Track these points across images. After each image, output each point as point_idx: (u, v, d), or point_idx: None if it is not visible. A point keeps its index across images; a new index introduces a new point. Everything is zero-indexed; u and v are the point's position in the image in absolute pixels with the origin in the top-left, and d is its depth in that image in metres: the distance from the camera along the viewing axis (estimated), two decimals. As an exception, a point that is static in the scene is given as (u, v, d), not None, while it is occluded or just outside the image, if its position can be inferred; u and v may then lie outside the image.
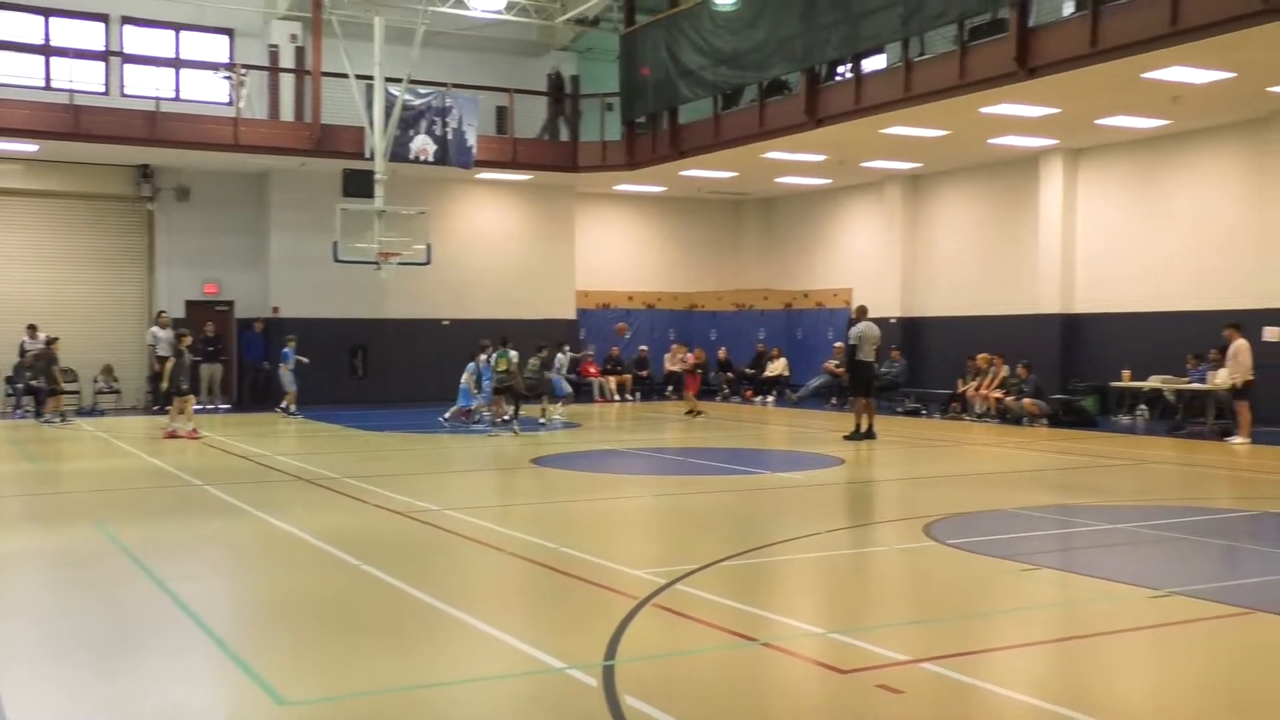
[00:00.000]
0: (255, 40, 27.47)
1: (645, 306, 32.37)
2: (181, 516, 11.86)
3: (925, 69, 19.84)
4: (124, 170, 26.65)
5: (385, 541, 10.31)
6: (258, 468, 15.69)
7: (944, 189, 27.71)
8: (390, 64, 23.79)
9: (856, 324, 19.44)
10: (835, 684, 6.15)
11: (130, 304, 27.20)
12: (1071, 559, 9.82)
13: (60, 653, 6.87)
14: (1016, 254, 25.60)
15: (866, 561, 9.80)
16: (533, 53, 30.03)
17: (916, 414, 24.96)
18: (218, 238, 27.49)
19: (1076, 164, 24.38)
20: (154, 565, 9.08)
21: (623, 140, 27.53)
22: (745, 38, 23.05)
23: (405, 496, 12.67)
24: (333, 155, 25.56)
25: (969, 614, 7.79)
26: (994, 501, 12.43)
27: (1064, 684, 6.27)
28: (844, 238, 30.61)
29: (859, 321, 19.37)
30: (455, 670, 6.49)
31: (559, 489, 14.29)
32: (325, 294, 27.01)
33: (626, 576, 8.60)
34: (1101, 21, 16.80)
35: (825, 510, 12.28)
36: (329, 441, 19.80)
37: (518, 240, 29.84)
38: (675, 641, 7.04)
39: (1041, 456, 17.06)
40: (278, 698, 5.87)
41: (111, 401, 26.04)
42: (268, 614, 7.89)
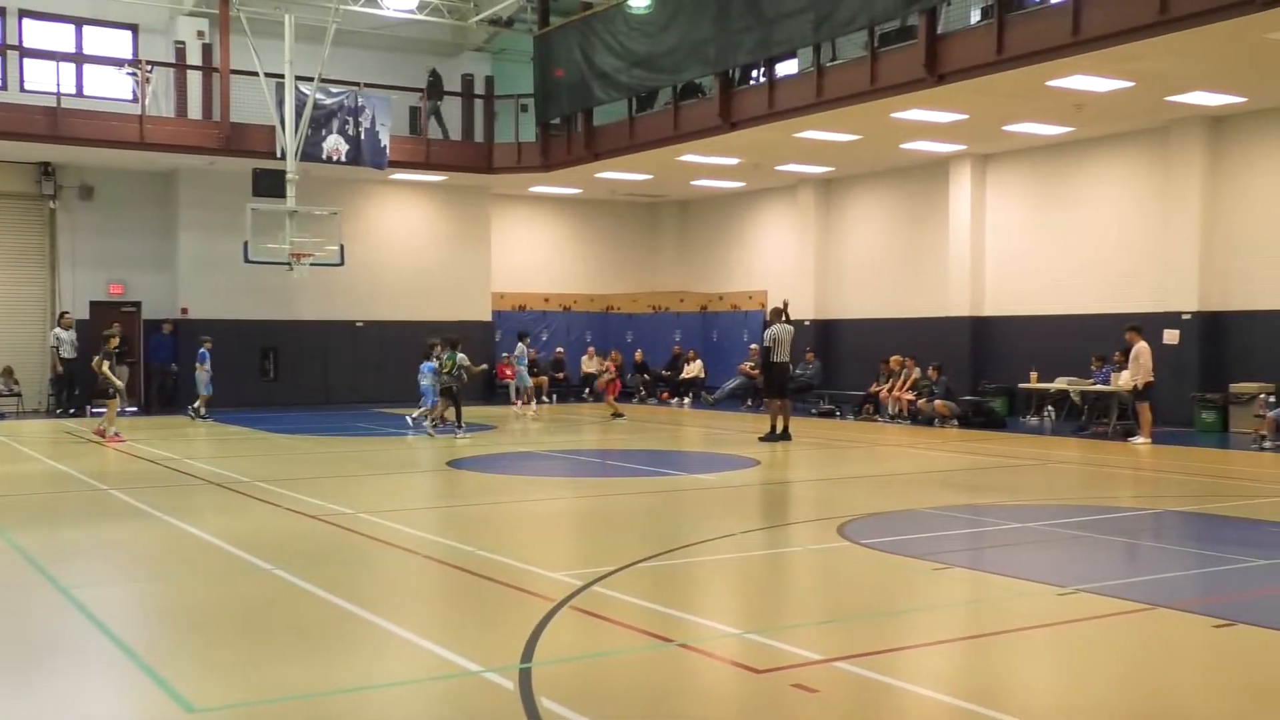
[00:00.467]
0: (160, 36, 26.89)
1: (562, 309, 32.33)
2: (87, 522, 11.58)
3: (837, 74, 20.09)
4: (24, 168, 25.94)
5: (298, 546, 10.16)
6: (166, 471, 15.37)
7: (857, 192, 28.08)
8: (301, 62, 23.48)
9: (771, 325, 19.54)
10: (751, 684, 6.19)
11: (31, 305, 26.48)
12: (981, 558, 10.01)
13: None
14: (928, 257, 26.04)
15: (781, 562, 9.89)
16: (446, 53, 29.81)
17: (830, 415, 25.25)
18: (123, 237, 26.88)
19: (985, 169, 24.87)
20: (58, 572, 8.85)
21: (538, 142, 27.47)
22: (659, 41, 23.15)
23: (318, 500, 12.50)
24: (242, 154, 25.10)
25: (882, 613, 7.91)
26: (906, 502, 12.62)
27: (975, 680, 6.40)
28: (759, 240, 30.86)
29: (774, 323, 19.46)
30: (370, 675, 6.42)
31: (475, 491, 14.21)
32: (235, 295, 26.56)
33: (543, 579, 8.57)
34: (1007, 30, 17.17)
35: (741, 511, 12.37)
36: (240, 444, 19.45)
37: (433, 241, 29.61)
38: (593, 643, 7.04)
39: (952, 457, 17.36)
40: (187, 705, 5.75)
41: (12, 404, 25.32)
42: (177, 620, 7.73)
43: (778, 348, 19.12)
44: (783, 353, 19.20)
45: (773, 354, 19.19)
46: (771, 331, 19.35)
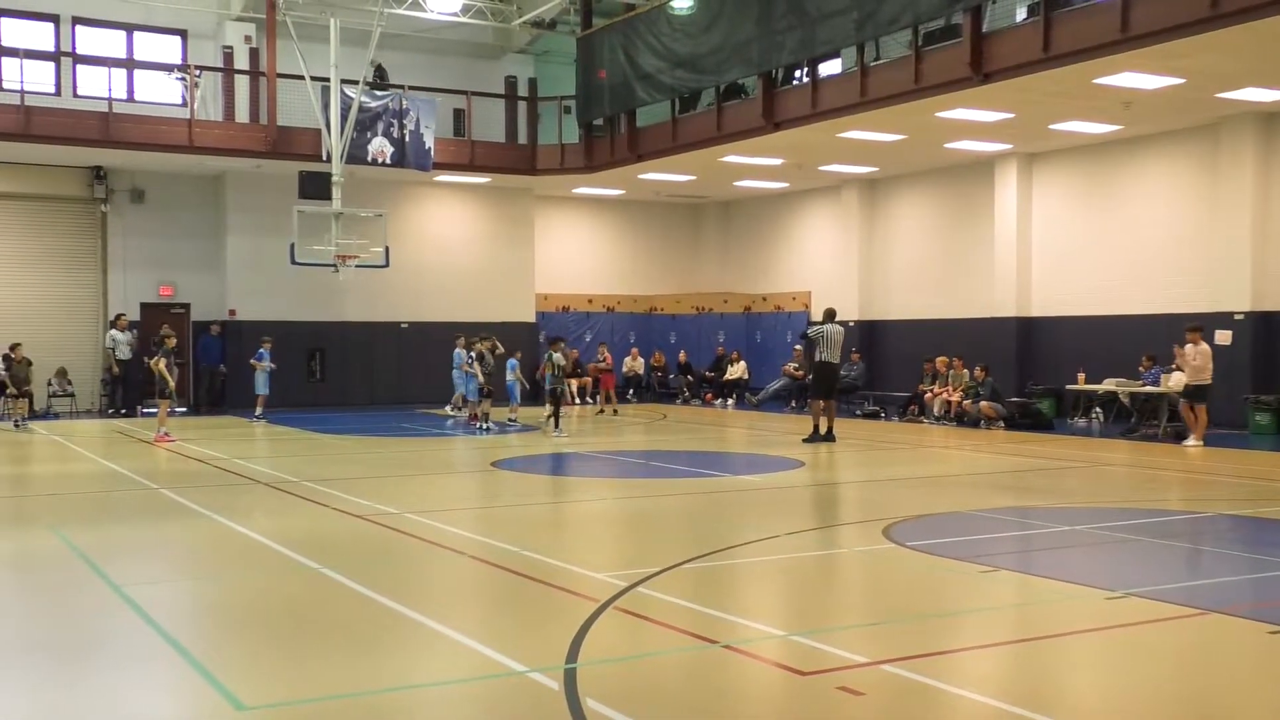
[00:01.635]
0: (209, 41, 27.23)
1: (605, 309, 32.37)
2: (138, 520, 11.73)
3: (881, 74, 19.98)
4: (77, 172, 26.34)
5: (345, 545, 10.25)
6: (215, 471, 15.54)
7: (901, 192, 27.92)
8: (346, 65, 23.70)
9: (820, 325, 19.34)
10: (796, 686, 6.17)
11: (84, 306, 26.88)
12: (1029, 560, 9.92)
13: (17, 659, 6.77)
14: (973, 257, 25.84)
15: (827, 564, 9.85)
16: (490, 55, 29.96)
17: (875, 416, 25.12)
18: (173, 240, 27.22)
19: (1031, 168, 24.64)
20: (110, 570, 8.98)
21: (580, 143, 27.53)
22: (702, 41, 23.13)
23: (365, 500, 12.60)
24: (289, 157, 25.36)
25: (928, 615, 7.85)
26: (952, 504, 12.53)
27: (1022, 685, 6.34)
28: (802, 241, 30.76)
29: (826, 323, 19.19)
30: (416, 674, 6.46)
31: (520, 492, 14.26)
32: (282, 297, 26.82)
33: (587, 579, 8.59)
34: (1054, 27, 17.00)
35: (785, 513, 12.32)
36: (287, 444, 19.64)
37: (477, 243, 29.76)
38: (637, 644, 7.05)
39: (998, 459, 17.21)
40: (237, 703, 5.82)
41: (66, 405, 25.71)
42: (226, 619, 7.82)
43: (829, 348, 18.86)
44: (833, 353, 18.98)
45: (820, 353, 18.98)
46: (818, 328, 19.16)
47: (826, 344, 18.95)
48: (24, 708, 5.94)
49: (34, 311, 26.13)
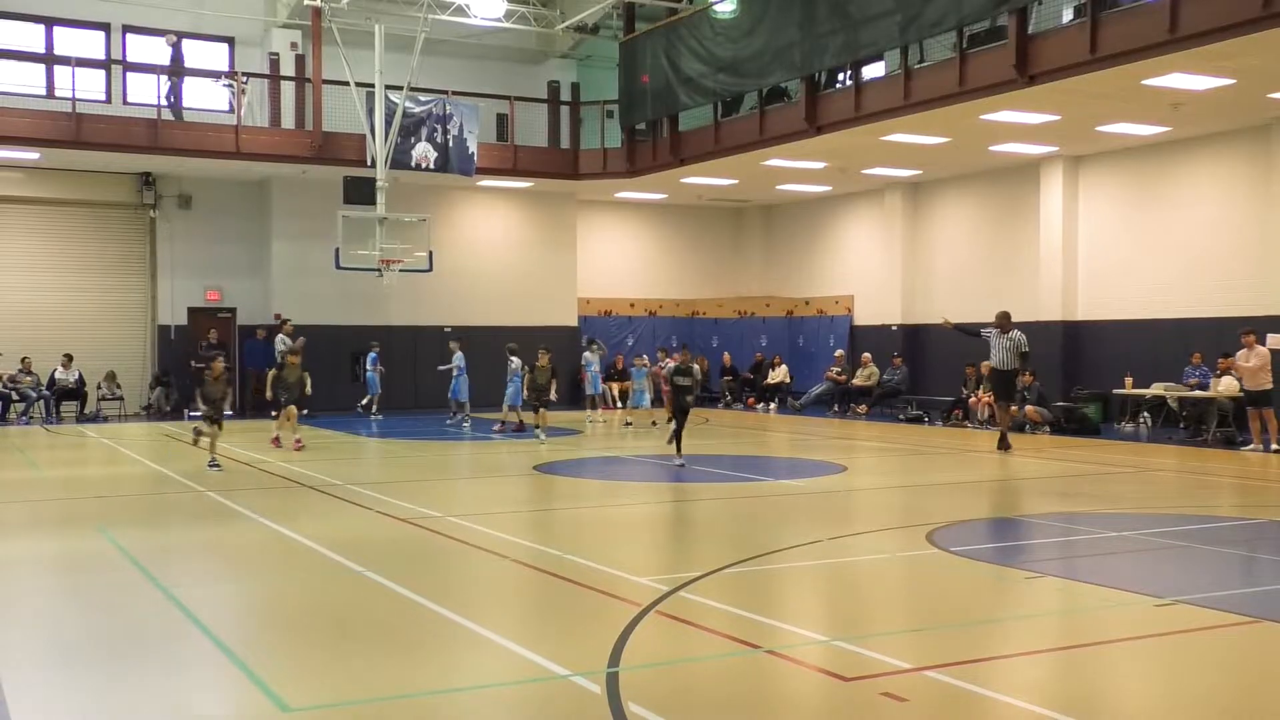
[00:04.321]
0: (255, 49, 27.54)
1: (647, 314, 32.40)
2: (185, 523, 11.87)
3: (925, 76, 19.86)
4: (126, 178, 26.69)
5: (389, 548, 10.31)
6: (261, 474, 15.69)
7: (945, 196, 27.73)
8: (390, 71, 23.87)
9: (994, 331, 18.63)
10: (839, 692, 6.14)
11: (132, 311, 27.24)
12: (1075, 567, 9.81)
13: (66, 658, 6.87)
14: (1018, 261, 25.61)
15: (869, 569, 9.79)
16: (532, 60, 30.08)
17: (918, 421, 24.97)
18: (220, 245, 27.53)
19: (1077, 171, 24.40)
20: (158, 571, 9.09)
21: (623, 147, 27.57)
22: (744, 45, 23.09)
23: (408, 503, 12.67)
24: (334, 163, 25.60)
25: (972, 621, 7.79)
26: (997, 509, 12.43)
27: (1068, 692, 6.27)
28: (845, 245, 30.64)
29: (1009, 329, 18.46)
30: (459, 677, 6.49)
31: (561, 496, 14.29)
32: (327, 301, 27.04)
33: (629, 583, 8.59)
34: (1101, 28, 16.82)
35: (828, 517, 12.27)
36: (331, 448, 19.79)
37: (520, 247, 29.87)
38: (679, 649, 7.04)
39: (1044, 464, 17.05)
40: (282, 704, 5.87)
41: (115, 408, 26.06)
42: (271, 621, 7.89)
43: (1000, 353, 18.38)
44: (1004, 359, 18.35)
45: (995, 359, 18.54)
46: (989, 334, 18.65)
47: (992, 350, 18.50)
48: (74, 708, 6.02)
49: (84, 316, 26.53)
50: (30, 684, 6.33)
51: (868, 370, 27.50)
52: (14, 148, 23.82)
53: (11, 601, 8.39)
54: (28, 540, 10.98)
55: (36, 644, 7.26)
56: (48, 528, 11.65)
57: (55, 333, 25.67)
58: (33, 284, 26.05)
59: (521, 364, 21.93)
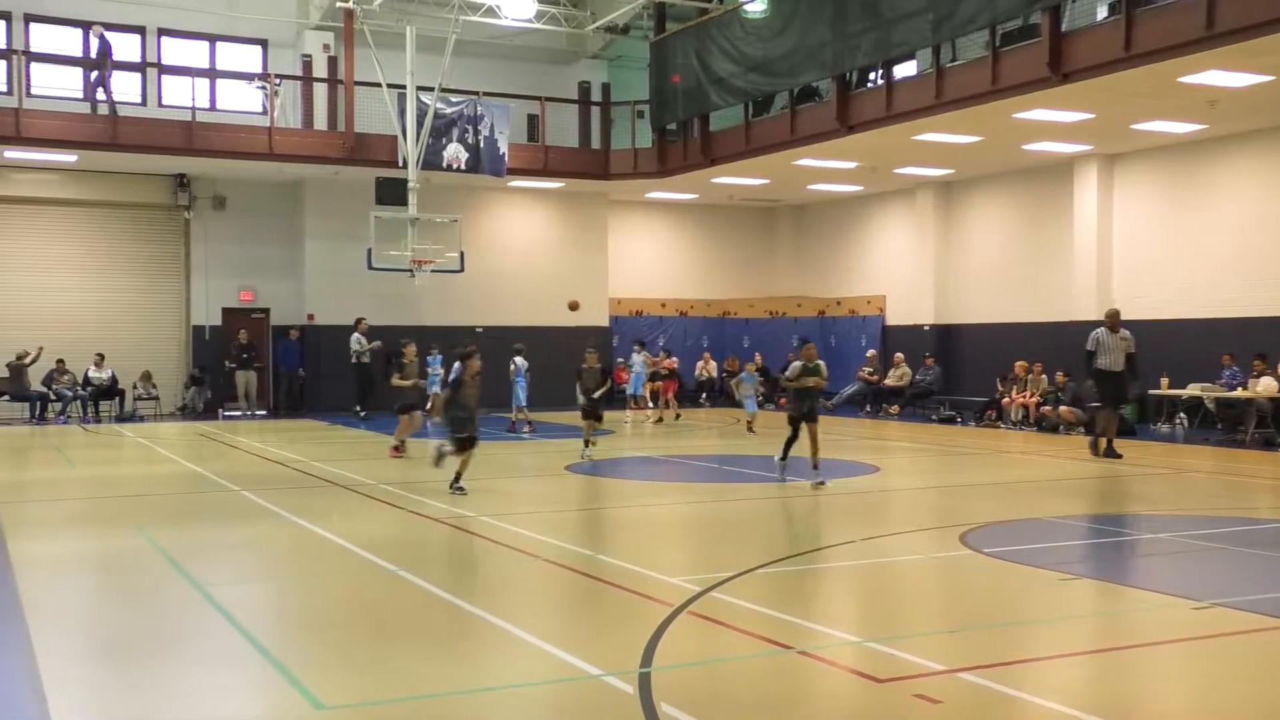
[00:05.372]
0: (288, 50, 27.73)
1: (678, 314, 32.38)
2: (220, 522, 11.96)
3: (957, 75, 19.76)
4: (161, 180, 26.92)
5: (421, 548, 10.36)
6: (294, 473, 15.79)
7: (977, 195, 27.57)
8: (422, 73, 23.98)
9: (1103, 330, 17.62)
10: (872, 693, 6.12)
11: (168, 311, 27.47)
12: (1111, 569, 9.73)
13: (103, 656, 6.94)
14: (1051, 260, 25.43)
15: (902, 570, 9.75)
16: (563, 61, 30.13)
17: (951, 421, 24.84)
18: (253, 246, 27.73)
19: (1112, 169, 24.20)
20: (194, 570, 9.16)
21: (654, 148, 27.57)
22: (775, 45, 23.04)
23: (440, 503, 12.72)
24: (366, 164, 25.74)
25: (1006, 623, 7.74)
26: (1031, 510, 12.34)
27: (1104, 696, 6.21)
28: (877, 244, 30.51)
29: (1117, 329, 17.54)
30: (492, 677, 6.50)
31: (593, 496, 14.30)
32: (359, 301, 27.14)
33: (661, 584, 8.59)
34: (1136, 25, 16.68)
35: (860, 518, 12.22)
36: (364, 448, 19.89)
37: (550, 247, 29.93)
38: (712, 649, 7.03)
39: (1079, 465, 16.92)
40: (317, 703, 5.90)
41: (150, 408, 26.29)
42: (305, 619, 7.94)
43: (1107, 353, 17.39)
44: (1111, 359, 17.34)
45: (1096, 359, 17.49)
46: (1093, 334, 17.68)
47: (1104, 350, 17.41)
48: (111, 704, 6.08)
49: (120, 316, 26.78)
50: (69, 680, 6.40)
51: (900, 370, 27.38)
52: (51, 150, 24.09)
53: (51, 598, 8.48)
54: (67, 538, 11.09)
55: (75, 641, 7.34)
56: (86, 526, 11.77)
57: (91, 333, 25.92)
58: (70, 284, 26.31)
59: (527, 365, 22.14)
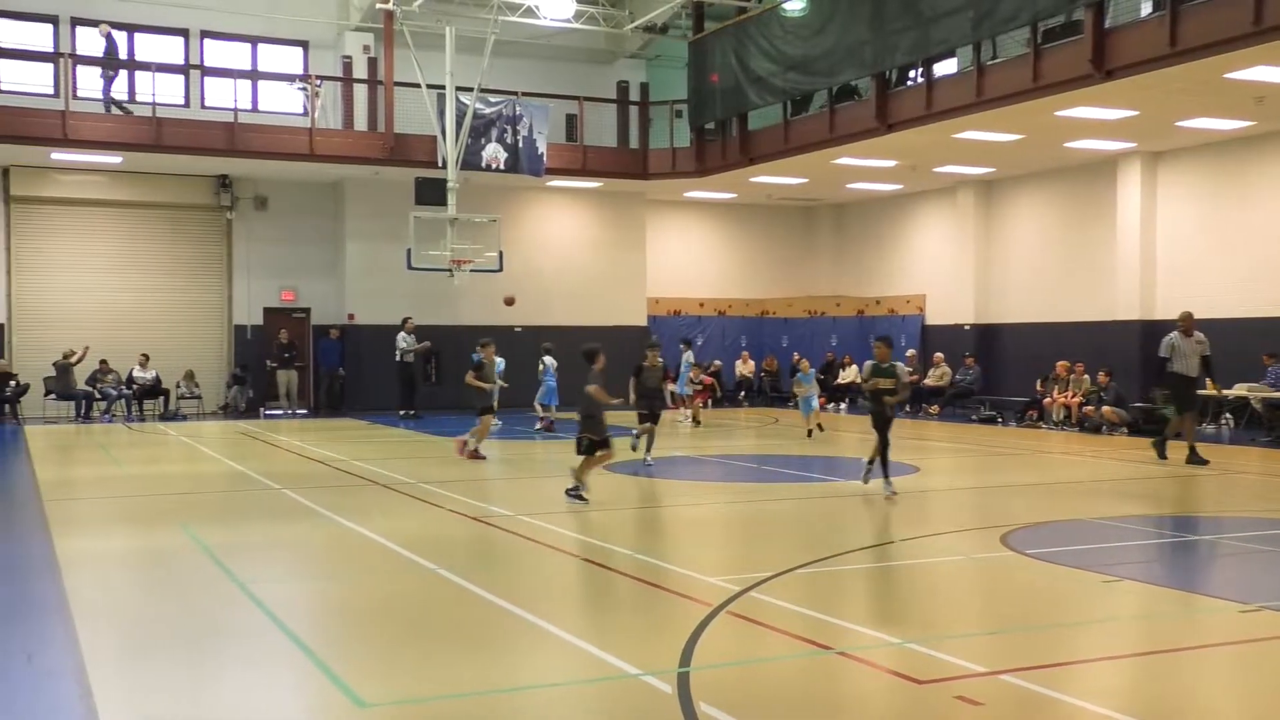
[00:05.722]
0: (329, 52, 27.94)
1: (716, 313, 32.34)
2: (262, 520, 12.06)
3: (998, 73, 19.61)
4: (204, 180, 27.19)
5: (460, 546, 10.40)
6: (335, 472, 15.90)
7: (1018, 193, 27.35)
8: (461, 73, 24.10)
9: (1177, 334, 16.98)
10: (912, 695, 6.08)
11: (210, 311, 27.75)
12: (1155, 571, 9.62)
13: (148, 652, 7.01)
14: (1094, 259, 25.19)
15: (942, 571, 9.68)
16: (601, 60, 30.17)
17: (992, 421, 24.66)
18: (294, 246, 27.96)
19: (1156, 167, 23.93)
20: (237, 567, 9.24)
21: (692, 147, 27.55)
22: (814, 44, 22.96)
23: (479, 502, 12.77)
24: (406, 164, 25.88)
25: (1049, 625, 7.67)
26: (1074, 511, 12.23)
27: (1148, 699, 6.15)
28: (917, 243, 30.34)
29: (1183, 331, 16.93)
30: (531, 675, 6.52)
31: (631, 495, 14.29)
32: (399, 301, 27.32)
33: (700, 583, 8.58)
34: (1181, 21, 16.49)
35: (900, 518, 12.15)
36: (403, 447, 20.01)
37: (588, 247, 29.98)
38: (750, 649, 7.02)
39: (1122, 466, 16.75)
40: (358, 700, 5.94)
41: (193, 407, 26.56)
42: (346, 617, 7.99)
43: (1181, 358, 16.78)
44: (1185, 363, 16.72)
45: (1170, 363, 16.90)
46: (1167, 339, 17.09)
47: (1179, 355, 16.79)
48: (156, 700, 6.14)
49: (164, 316, 27.08)
50: (115, 676, 6.47)
51: (940, 370, 27.21)
52: (97, 152, 24.40)
53: (97, 595, 8.58)
54: (113, 536, 11.23)
55: (121, 637, 7.42)
56: (131, 524, 11.91)
57: (136, 332, 26.23)
58: (114, 285, 26.64)
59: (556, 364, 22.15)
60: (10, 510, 12.97)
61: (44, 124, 23.39)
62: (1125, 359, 23.48)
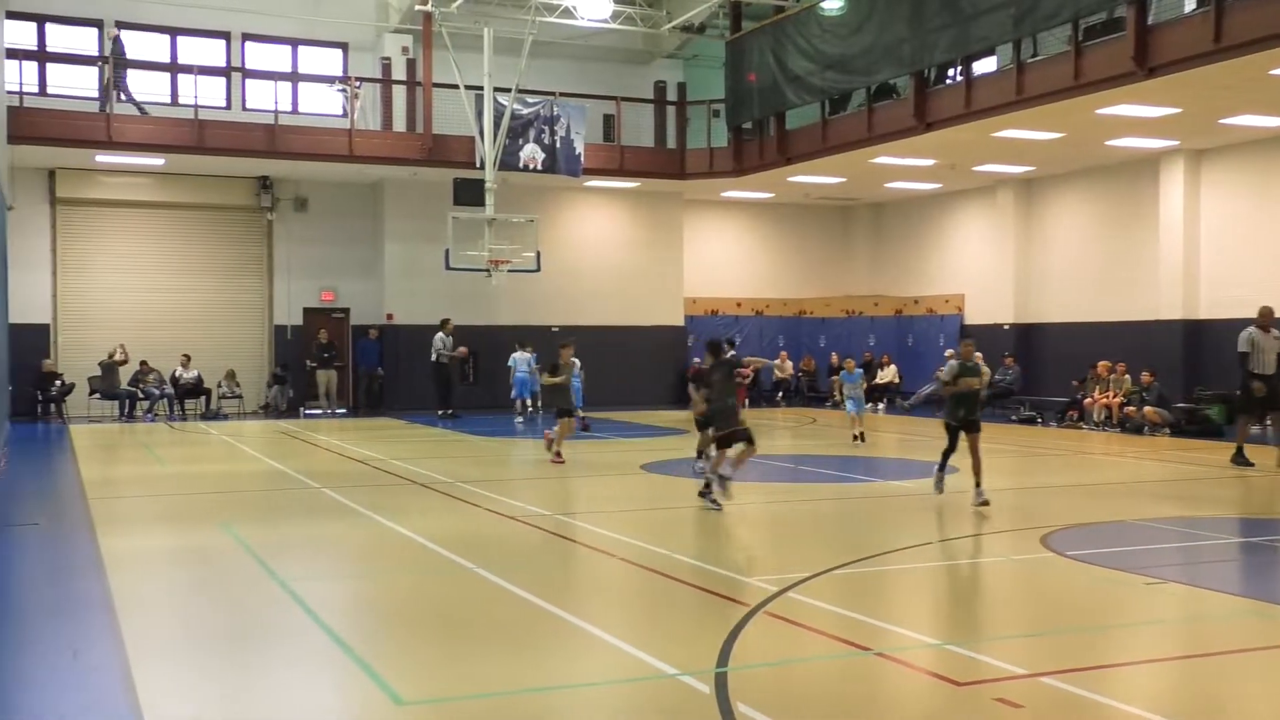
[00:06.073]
0: (368, 53, 28.11)
1: (754, 313, 32.27)
2: (302, 519, 12.16)
3: (1038, 70, 19.44)
4: (245, 182, 27.43)
5: (498, 545, 10.44)
6: (374, 471, 16.01)
7: (1059, 192, 27.12)
8: (499, 74, 24.18)
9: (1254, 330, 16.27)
10: (951, 696, 6.05)
11: (251, 311, 27.98)
12: (1199, 573, 9.51)
13: (190, 648, 7.10)
14: (1136, 258, 24.93)
15: (982, 572, 9.63)
16: (639, 60, 30.19)
17: (1031, 422, 24.47)
18: (334, 246, 28.15)
19: (1199, 165, 23.65)
20: (277, 566, 9.33)
21: (729, 147, 27.51)
22: (852, 42, 22.86)
23: (517, 501, 12.82)
24: (444, 165, 26.01)
25: (1090, 627, 7.61)
26: (1115, 512, 12.11)
27: (1191, 702, 6.09)
28: (955, 243, 30.15)
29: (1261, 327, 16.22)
30: (569, 674, 6.54)
31: (668, 495, 14.29)
32: (437, 301, 27.44)
33: (737, 583, 8.57)
34: (1226, 17, 16.28)
35: (939, 519, 12.08)
36: (441, 446, 20.10)
37: (626, 247, 30.00)
38: (788, 649, 7.00)
39: (1164, 467, 16.57)
40: (397, 698, 5.98)
41: (234, 406, 26.81)
42: (385, 615, 8.04)
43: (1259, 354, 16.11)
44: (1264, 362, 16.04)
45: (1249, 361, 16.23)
46: (1244, 334, 16.39)
47: (1257, 351, 16.07)
48: (198, 696, 6.21)
49: (205, 316, 27.34)
50: (158, 672, 6.55)
51: (979, 370, 26.99)
52: (140, 154, 24.68)
53: (141, 593, 8.69)
54: (155, 534, 11.36)
55: (164, 634, 7.51)
56: (174, 522, 12.04)
57: (178, 333, 26.50)
58: (157, 285, 26.91)
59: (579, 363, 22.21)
60: (56, 508, 13.14)
61: (89, 127, 23.69)
62: (1168, 359, 23.22)
